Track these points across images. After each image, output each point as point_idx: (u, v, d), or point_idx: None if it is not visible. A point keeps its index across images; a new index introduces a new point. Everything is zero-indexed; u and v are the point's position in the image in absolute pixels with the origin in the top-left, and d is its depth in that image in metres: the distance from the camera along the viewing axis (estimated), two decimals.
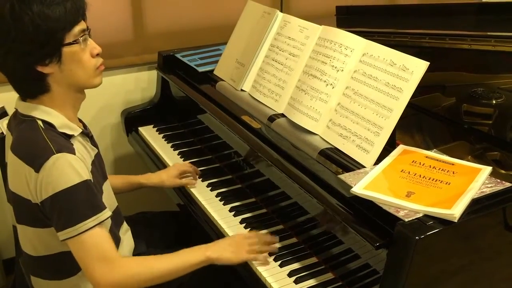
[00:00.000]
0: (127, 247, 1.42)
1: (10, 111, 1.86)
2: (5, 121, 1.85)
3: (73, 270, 1.28)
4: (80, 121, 1.34)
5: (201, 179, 1.69)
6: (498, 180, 1.14)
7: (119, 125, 2.16)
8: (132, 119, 2.06)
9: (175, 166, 1.70)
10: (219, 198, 1.59)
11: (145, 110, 2.08)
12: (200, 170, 1.73)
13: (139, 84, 2.21)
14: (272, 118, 1.50)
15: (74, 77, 1.21)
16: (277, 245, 1.37)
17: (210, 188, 1.64)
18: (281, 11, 1.69)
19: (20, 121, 1.23)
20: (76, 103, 1.27)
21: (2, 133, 1.83)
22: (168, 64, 2.03)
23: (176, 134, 1.99)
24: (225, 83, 1.75)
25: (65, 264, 1.27)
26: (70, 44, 1.17)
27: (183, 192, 1.68)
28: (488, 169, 1.16)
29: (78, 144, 1.23)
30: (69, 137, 1.22)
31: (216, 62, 1.86)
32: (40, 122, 1.19)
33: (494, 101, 1.58)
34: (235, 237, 1.35)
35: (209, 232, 1.49)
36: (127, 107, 2.12)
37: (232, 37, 1.82)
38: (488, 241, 1.12)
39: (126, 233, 1.42)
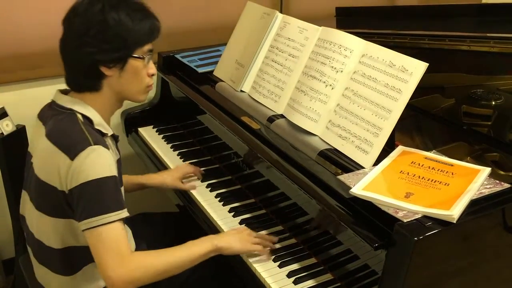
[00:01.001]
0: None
1: (10, 112, 1.87)
2: (5, 121, 1.86)
3: (76, 267, 1.31)
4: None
5: (200, 179, 1.70)
6: (497, 181, 1.14)
7: (118, 125, 2.16)
8: (132, 120, 2.06)
9: (179, 168, 1.71)
10: (218, 198, 1.59)
11: (145, 111, 2.08)
12: (202, 171, 1.73)
13: None
14: (271, 119, 1.50)
15: (127, 87, 1.30)
16: (277, 245, 1.38)
17: (209, 188, 1.65)
18: (281, 12, 1.70)
19: (58, 112, 1.28)
20: (113, 109, 1.35)
21: (2, 133, 1.84)
22: (168, 65, 2.03)
23: (176, 134, 2.00)
24: (225, 84, 1.75)
25: (70, 260, 1.29)
26: (137, 58, 1.27)
27: (182, 193, 1.68)
28: (487, 170, 1.16)
29: (108, 144, 1.28)
30: (102, 135, 1.28)
31: (216, 63, 1.86)
32: (79, 116, 1.26)
33: (493, 102, 1.58)
34: (239, 229, 1.38)
35: (209, 232, 1.49)
36: (127, 108, 2.12)
37: (232, 38, 1.82)
38: (487, 242, 1.12)
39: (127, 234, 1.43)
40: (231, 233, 1.36)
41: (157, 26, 1.30)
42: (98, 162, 1.19)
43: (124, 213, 1.21)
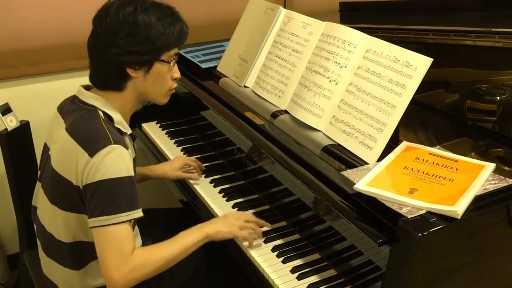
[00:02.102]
0: (136, 243, 1.44)
1: (14, 107, 1.87)
2: (9, 117, 1.86)
3: (82, 262, 1.32)
4: None
5: (204, 175, 1.70)
6: (502, 177, 1.13)
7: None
8: (135, 115, 2.04)
9: (178, 159, 1.72)
10: (222, 194, 1.59)
11: (148, 107, 2.05)
12: (203, 166, 1.73)
13: None
14: (275, 115, 1.50)
15: (150, 90, 1.31)
16: (269, 229, 1.41)
17: (213, 184, 1.65)
18: (284, 7, 1.69)
19: (79, 108, 1.29)
20: (133, 109, 1.37)
21: (6, 129, 1.84)
22: None
23: (179, 130, 2.00)
24: (228, 79, 1.75)
25: (77, 254, 1.31)
26: (163, 61, 1.28)
27: (186, 188, 1.68)
28: (491, 165, 1.16)
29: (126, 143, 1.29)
30: (121, 134, 1.29)
31: (219, 58, 1.86)
32: (101, 113, 1.27)
33: (498, 98, 1.57)
34: (227, 215, 1.39)
35: None
36: None
37: (235, 33, 1.82)
38: (491, 238, 1.11)
39: (135, 230, 1.44)
40: (219, 219, 1.39)
41: (186, 31, 1.31)
42: (117, 161, 1.19)
43: (136, 214, 1.22)
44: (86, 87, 1.33)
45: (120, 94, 1.30)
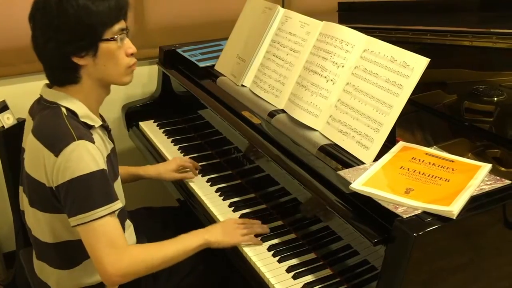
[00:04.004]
0: (130, 241, 1.43)
1: (11, 105, 1.87)
2: (5, 114, 1.86)
3: (76, 261, 1.30)
4: (100, 115, 1.37)
5: (201, 174, 1.70)
6: (498, 178, 1.13)
7: (119, 120, 2.16)
8: (133, 114, 2.06)
9: (174, 160, 1.71)
10: (218, 193, 1.59)
11: (146, 105, 2.08)
12: (200, 165, 1.73)
13: (140, 79, 2.21)
14: (272, 114, 1.50)
15: (106, 73, 1.25)
16: (271, 233, 1.40)
17: (210, 183, 1.65)
18: (283, 6, 1.69)
19: (44, 107, 1.26)
20: (100, 97, 1.31)
21: (3, 126, 1.84)
22: (169, 59, 2.02)
23: (177, 129, 1.99)
24: (226, 78, 1.75)
25: (69, 254, 1.29)
26: (107, 40, 1.21)
27: (183, 187, 1.68)
28: (487, 166, 1.16)
29: (97, 136, 1.26)
30: (89, 127, 1.25)
31: (217, 57, 1.85)
32: (64, 110, 1.23)
33: (495, 99, 1.57)
34: (228, 222, 1.39)
35: None
36: (128, 102, 2.12)
37: (233, 32, 1.82)
38: (487, 239, 1.11)
39: (128, 229, 1.44)
40: (219, 227, 1.37)
41: (123, 2, 1.23)
42: (83, 157, 1.16)
43: (116, 205, 1.19)
44: (49, 85, 1.30)
45: (79, 86, 1.25)
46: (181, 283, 1.46)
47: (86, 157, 1.16)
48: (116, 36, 1.22)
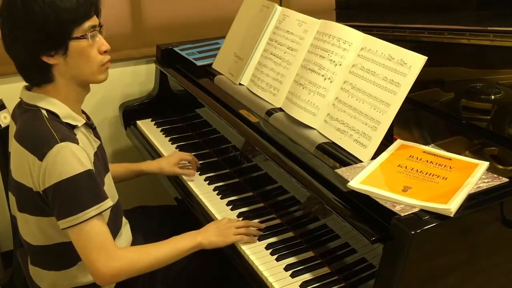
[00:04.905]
0: (125, 240, 1.43)
1: (8, 104, 1.86)
2: (2, 114, 1.85)
3: (71, 261, 1.29)
4: (84, 112, 1.35)
5: (198, 172, 1.69)
6: (495, 175, 1.13)
7: (117, 118, 2.15)
8: (130, 113, 2.06)
9: (175, 154, 1.71)
10: (216, 192, 1.59)
11: (143, 104, 2.08)
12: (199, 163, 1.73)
13: (137, 78, 2.21)
14: (270, 112, 1.50)
15: (79, 71, 1.21)
16: (263, 226, 1.40)
17: (207, 182, 1.64)
18: (280, 5, 1.69)
19: (24, 110, 1.24)
20: (79, 96, 1.28)
21: (0, 125, 1.83)
22: (167, 58, 2.02)
23: (174, 128, 1.99)
24: (224, 77, 1.74)
25: (63, 255, 1.28)
26: (78, 38, 1.17)
27: (180, 185, 1.68)
28: (485, 164, 1.16)
29: (81, 135, 1.24)
30: (72, 127, 1.23)
31: (215, 56, 1.85)
32: (44, 112, 1.20)
33: (493, 97, 1.57)
34: (221, 222, 1.38)
35: None
36: (125, 100, 2.12)
37: (231, 31, 1.82)
38: (485, 237, 1.11)
39: (124, 227, 1.43)
40: (211, 227, 1.36)
41: (92, 0, 1.19)
42: (68, 160, 1.14)
43: (105, 205, 1.18)
44: (28, 87, 1.27)
45: (54, 86, 1.22)
46: (179, 281, 1.45)
47: (71, 159, 1.14)
48: (86, 34, 1.18)
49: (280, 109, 1.49)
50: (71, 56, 1.18)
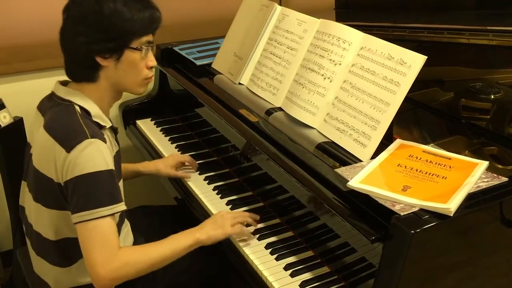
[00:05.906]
0: (127, 241, 1.44)
1: (8, 104, 1.87)
2: (2, 113, 1.85)
3: (72, 259, 1.31)
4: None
5: (198, 172, 1.69)
6: (495, 175, 1.13)
7: (116, 118, 2.15)
8: (130, 112, 2.06)
9: (172, 156, 1.72)
10: (216, 191, 1.59)
11: (143, 103, 2.08)
12: (198, 163, 1.73)
13: None
14: (269, 112, 1.50)
15: (124, 79, 1.28)
16: (261, 225, 1.40)
17: (207, 181, 1.64)
18: (280, 4, 1.69)
19: (56, 104, 1.28)
20: (112, 100, 1.34)
21: (0, 125, 1.83)
22: (166, 57, 2.02)
23: (174, 127, 1.99)
24: (223, 76, 1.74)
25: (66, 251, 1.30)
26: (134, 49, 1.25)
27: (180, 185, 1.68)
28: (484, 163, 1.16)
29: (106, 137, 1.27)
30: (100, 127, 1.27)
31: (214, 55, 1.85)
32: (77, 107, 1.25)
33: (492, 96, 1.57)
34: (216, 216, 1.38)
35: None
36: (125, 100, 2.11)
37: (230, 30, 1.82)
38: (484, 236, 1.12)
39: (125, 228, 1.44)
40: (208, 222, 1.36)
41: (157, 17, 1.28)
42: (95, 155, 1.18)
43: (119, 207, 1.21)
44: (63, 83, 1.32)
45: (95, 86, 1.28)
46: (179, 281, 1.45)
47: (97, 155, 1.18)
48: (142, 47, 1.26)
49: (280, 109, 1.49)
50: (122, 62, 1.25)
